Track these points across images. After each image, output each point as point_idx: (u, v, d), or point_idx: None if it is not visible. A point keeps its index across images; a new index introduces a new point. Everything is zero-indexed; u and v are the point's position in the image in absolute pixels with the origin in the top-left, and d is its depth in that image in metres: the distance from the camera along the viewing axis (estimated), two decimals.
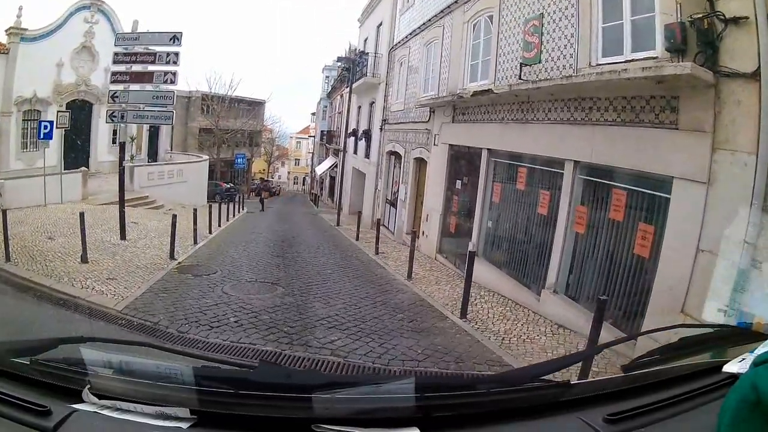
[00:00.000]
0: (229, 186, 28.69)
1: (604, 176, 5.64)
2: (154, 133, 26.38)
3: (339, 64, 36.32)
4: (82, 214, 7.91)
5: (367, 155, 18.48)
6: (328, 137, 32.24)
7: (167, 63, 9.02)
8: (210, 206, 13.96)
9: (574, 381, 1.18)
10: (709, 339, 1.55)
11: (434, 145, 10.98)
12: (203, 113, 33.89)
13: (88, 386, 1.08)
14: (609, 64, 5.43)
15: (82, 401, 1.06)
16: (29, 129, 18.67)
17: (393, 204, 14.87)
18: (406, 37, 14.10)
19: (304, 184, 57.60)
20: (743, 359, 1.14)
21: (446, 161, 10.30)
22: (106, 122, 9.82)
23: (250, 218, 18.73)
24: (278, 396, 1.04)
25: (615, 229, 5.44)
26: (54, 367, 1.14)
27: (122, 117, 9.57)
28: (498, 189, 8.23)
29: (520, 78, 7.09)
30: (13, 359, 1.18)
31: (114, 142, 22.01)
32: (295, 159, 62.64)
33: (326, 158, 32.93)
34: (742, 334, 1.66)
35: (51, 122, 13.72)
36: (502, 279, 7.55)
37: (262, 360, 4.04)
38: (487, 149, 8.46)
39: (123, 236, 9.75)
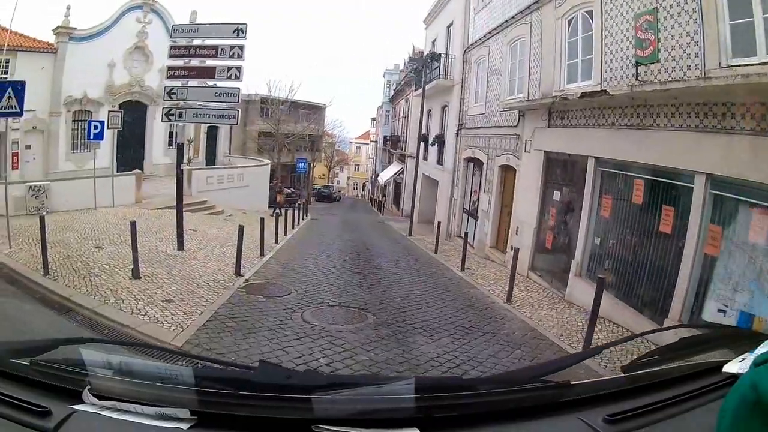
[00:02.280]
0: (290, 191, 27.98)
1: (743, 193, 4.89)
2: (212, 136, 25.56)
3: (400, 68, 35.66)
4: (133, 224, 6.90)
5: (440, 161, 17.61)
6: (392, 142, 31.46)
7: (231, 57, 8.22)
8: (276, 213, 12.98)
9: (574, 381, 1.18)
10: (709, 339, 1.55)
11: (525, 151, 10.03)
12: (262, 116, 33.33)
13: (88, 387, 1.08)
14: (744, 65, 4.81)
15: (82, 402, 1.06)
16: (79, 130, 18.41)
17: (472, 214, 13.89)
18: (484, 36, 13.24)
19: (363, 190, 57.26)
20: (743, 359, 1.14)
21: (541, 170, 9.30)
22: (162, 121, 9.08)
23: (315, 226, 17.83)
24: (278, 397, 1.04)
25: (760, 253, 4.67)
26: (54, 368, 1.14)
27: (180, 116, 8.70)
28: (608, 202, 7.28)
29: (636, 78, 6.37)
30: (13, 360, 1.18)
31: (170, 144, 21.70)
32: (355, 164, 62.04)
33: (390, 164, 32.15)
34: (742, 334, 1.66)
35: (101, 122, 13.16)
36: (613, 304, 6.61)
37: (262, 360, 4.04)
38: (594, 157, 7.52)
39: (181, 246, 8.79)
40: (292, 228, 14.55)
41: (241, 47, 8.18)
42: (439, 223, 13.96)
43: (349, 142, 60.45)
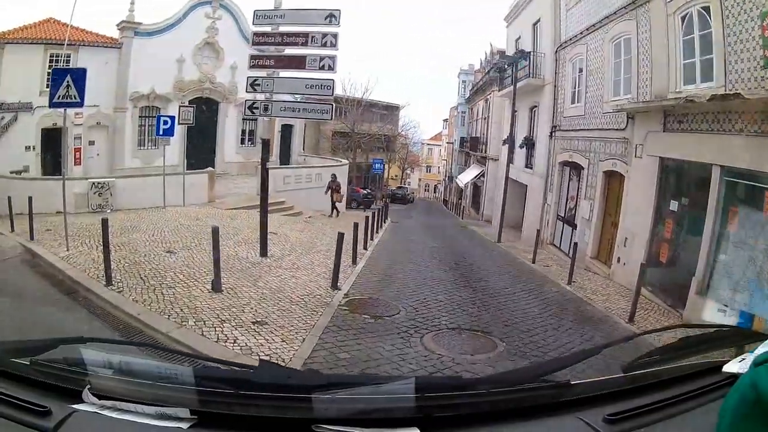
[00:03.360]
0: (366, 192, 27.58)
1: None
2: (286, 134, 24.64)
3: (475, 68, 34.75)
4: (215, 231, 5.84)
5: (529, 164, 16.62)
6: (471, 144, 30.15)
7: (323, 46, 7.44)
8: (367, 216, 12.08)
9: (574, 381, 1.18)
10: (709, 339, 1.55)
11: (636, 157, 9.25)
12: (336, 116, 32.46)
13: (88, 386, 1.08)
14: None
15: (82, 401, 1.06)
16: (146, 126, 18.26)
17: (569, 222, 12.88)
18: (581, 33, 12.43)
19: (435, 192, 56.69)
20: (743, 359, 1.14)
21: (655, 177, 8.54)
22: (245, 115, 8.40)
23: (398, 230, 16.89)
24: (278, 396, 1.04)
25: None
26: (54, 368, 1.14)
27: (265, 109, 7.84)
28: (734, 215, 6.61)
29: None
30: (13, 359, 1.18)
31: (242, 142, 21.72)
32: (426, 166, 61.31)
33: (468, 166, 31.24)
34: (742, 334, 1.66)
35: (172, 117, 12.54)
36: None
37: (262, 360, 4.04)
38: (720, 166, 6.86)
39: (264, 252, 7.91)
40: (376, 232, 13.47)
41: (335, 35, 7.39)
42: (537, 230, 12.94)
43: (420, 143, 58.97)
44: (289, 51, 7.90)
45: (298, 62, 7.69)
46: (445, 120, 52.71)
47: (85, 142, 16.93)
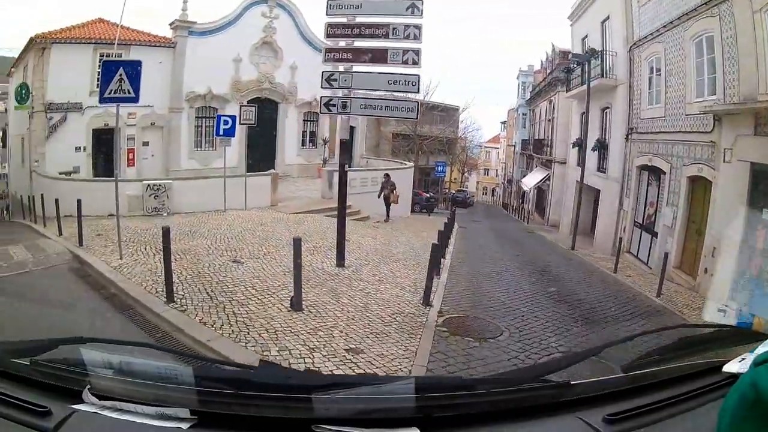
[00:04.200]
0: (429, 195, 26.87)
1: None
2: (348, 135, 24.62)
3: (535, 69, 33.78)
4: (297, 242, 5.18)
5: (601, 168, 15.90)
6: (534, 147, 28.78)
7: (405, 38, 6.85)
8: (447, 222, 11.35)
9: (574, 381, 1.18)
10: (709, 339, 1.55)
11: (724, 161, 8.75)
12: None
13: (88, 387, 1.08)
14: None
15: (82, 402, 1.06)
16: (203, 126, 18.11)
17: (648, 229, 12.20)
18: (657, 31, 11.81)
19: (493, 195, 55.97)
20: (743, 359, 1.14)
21: (747, 183, 8.03)
22: (321, 112, 7.89)
23: (468, 236, 16.01)
24: (278, 396, 1.04)
25: None
26: (54, 368, 1.14)
27: (344, 107, 7.23)
28: None
29: None
30: (13, 360, 1.18)
31: (303, 143, 21.44)
32: (484, 169, 60.51)
33: (530, 169, 30.36)
34: (742, 334, 1.66)
35: (233, 117, 12.03)
36: None
37: (262, 360, 4.04)
38: None
39: (341, 262, 7.30)
40: (448, 238, 12.57)
41: (418, 27, 6.79)
42: (620, 239, 12.27)
43: (478, 145, 57.67)
44: (368, 43, 7.18)
45: (379, 56, 7.02)
46: (503, 122, 51.67)
47: (139, 143, 16.76)
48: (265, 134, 19.43)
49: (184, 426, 1.00)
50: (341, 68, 7.31)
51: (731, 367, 1.16)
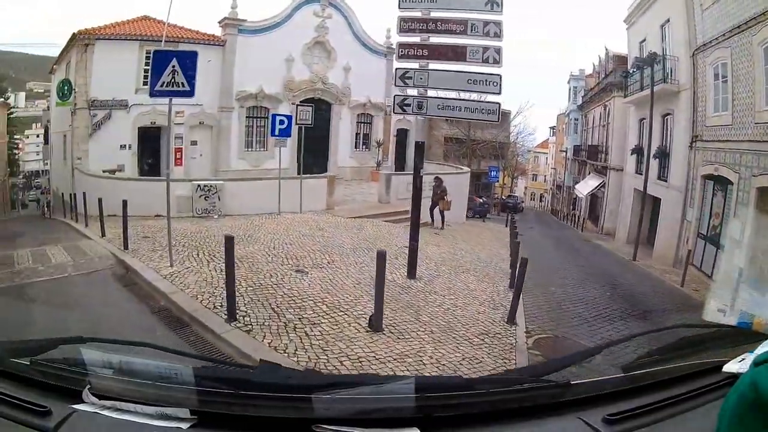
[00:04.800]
0: (482, 200, 26.44)
1: None
2: (401, 138, 22.89)
3: (586, 73, 32.67)
4: (382, 256, 4.61)
5: (662, 176, 15.33)
6: (588, 153, 27.96)
7: (485, 35, 6.42)
8: (513, 230, 10.76)
9: (574, 381, 1.18)
10: (709, 339, 1.55)
11: None
12: (446, 121, 30.75)
13: (88, 386, 1.08)
14: None
15: (82, 401, 1.06)
16: (254, 126, 17.82)
17: (713, 242, 11.73)
18: (722, 35, 11.43)
19: (541, 201, 55.29)
20: (743, 359, 1.14)
21: None
22: (394, 112, 7.40)
23: (527, 244, 14.91)
24: (278, 396, 1.04)
25: None
26: (54, 368, 1.14)
27: (419, 107, 6.77)
28: None
29: None
30: (13, 359, 1.18)
31: (356, 146, 21.05)
32: (533, 174, 59.61)
33: (581, 176, 29.57)
34: (742, 334, 1.66)
35: (288, 117, 11.62)
36: None
37: (262, 360, 4.04)
38: None
39: (412, 273, 6.72)
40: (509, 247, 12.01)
41: (498, 23, 6.37)
42: (689, 251, 11.76)
43: (528, 150, 56.48)
44: (444, 40, 6.74)
45: (458, 53, 6.52)
46: (552, 127, 50.61)
47: (187, 142, 16.45)
48: (318, 135, 18.60)
49: (184, 426, 1.00)
50: (416, 65, 6.77)
51: (731, 367, 1.16)
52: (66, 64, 16.98)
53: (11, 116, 42.04)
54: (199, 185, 10.77)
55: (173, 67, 5.73)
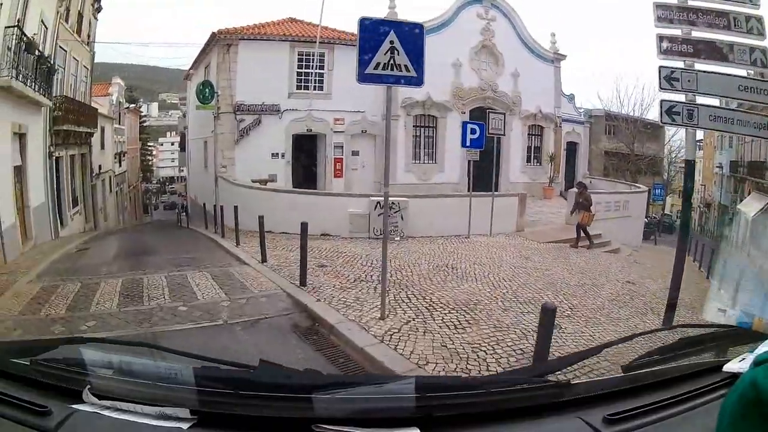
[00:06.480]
0: (647, 221, 24.16)
1: None
2: (570, 151, 21.10)
3: None
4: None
5: None
6: (748, 170, 25.48)
7: (748, 32, 5.29)
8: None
9: (574, 381, 1.18)
10: (709, 339, 1.55)
11: None
12: (606, 134, 28.52)
13: (88, 386, 1.08)
14: None
15: (82, 401, 1.06)
16: (422, 136, 16.40)
17: None
18: None
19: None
20: (743, 359, 1.14)
21: None
22: (663, 122, 5.91)
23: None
24: (278, 396, 1.04)
25: None
26: (54, 368, 1.14)
27: (689, 116, 5.70)
28: None
29: None
30: (13, 359, 1.18)
31: (528, 160, 19.29)
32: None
33: (738, 194, 27.07)
34: (742, 334, 1.66)
35: (481, 125, 10.40)
36: None
37: (262, 360, 4.04)
38: None
39: (669, 319, 5.09)
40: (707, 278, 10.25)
41: (759, 19, 5.26)
42: None
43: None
44: (704, 34, 5.76)
45: (717, 52, 5.45)
46: (699, 141, 49.75)
47: (347, 152, 15.46)
48: (487, 148, 17.86)
49: (184, 426, 1.00)
50: (682, 64, 5.74)
51: (731, 367, 1.16)
52: (205, 67, 16.31)
53: (143, 124, 41.89)
54: (378, 202, 9.22)
55: (391, 43, 4.32)
